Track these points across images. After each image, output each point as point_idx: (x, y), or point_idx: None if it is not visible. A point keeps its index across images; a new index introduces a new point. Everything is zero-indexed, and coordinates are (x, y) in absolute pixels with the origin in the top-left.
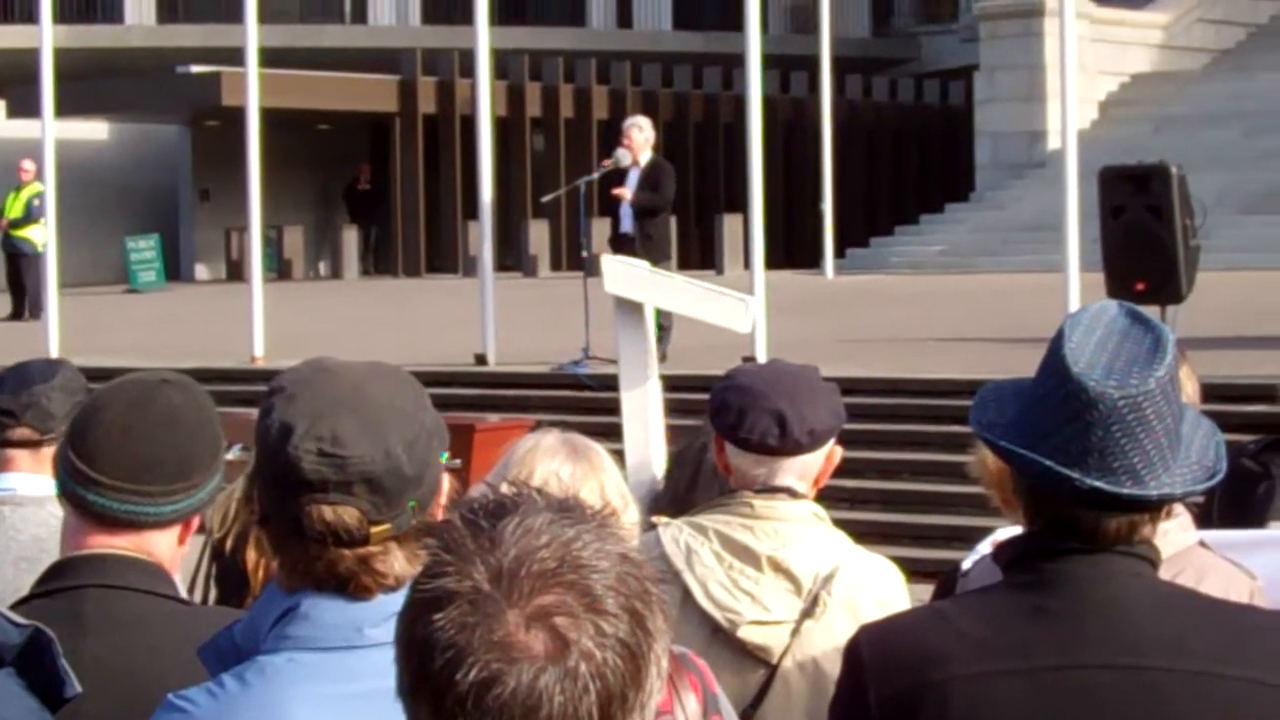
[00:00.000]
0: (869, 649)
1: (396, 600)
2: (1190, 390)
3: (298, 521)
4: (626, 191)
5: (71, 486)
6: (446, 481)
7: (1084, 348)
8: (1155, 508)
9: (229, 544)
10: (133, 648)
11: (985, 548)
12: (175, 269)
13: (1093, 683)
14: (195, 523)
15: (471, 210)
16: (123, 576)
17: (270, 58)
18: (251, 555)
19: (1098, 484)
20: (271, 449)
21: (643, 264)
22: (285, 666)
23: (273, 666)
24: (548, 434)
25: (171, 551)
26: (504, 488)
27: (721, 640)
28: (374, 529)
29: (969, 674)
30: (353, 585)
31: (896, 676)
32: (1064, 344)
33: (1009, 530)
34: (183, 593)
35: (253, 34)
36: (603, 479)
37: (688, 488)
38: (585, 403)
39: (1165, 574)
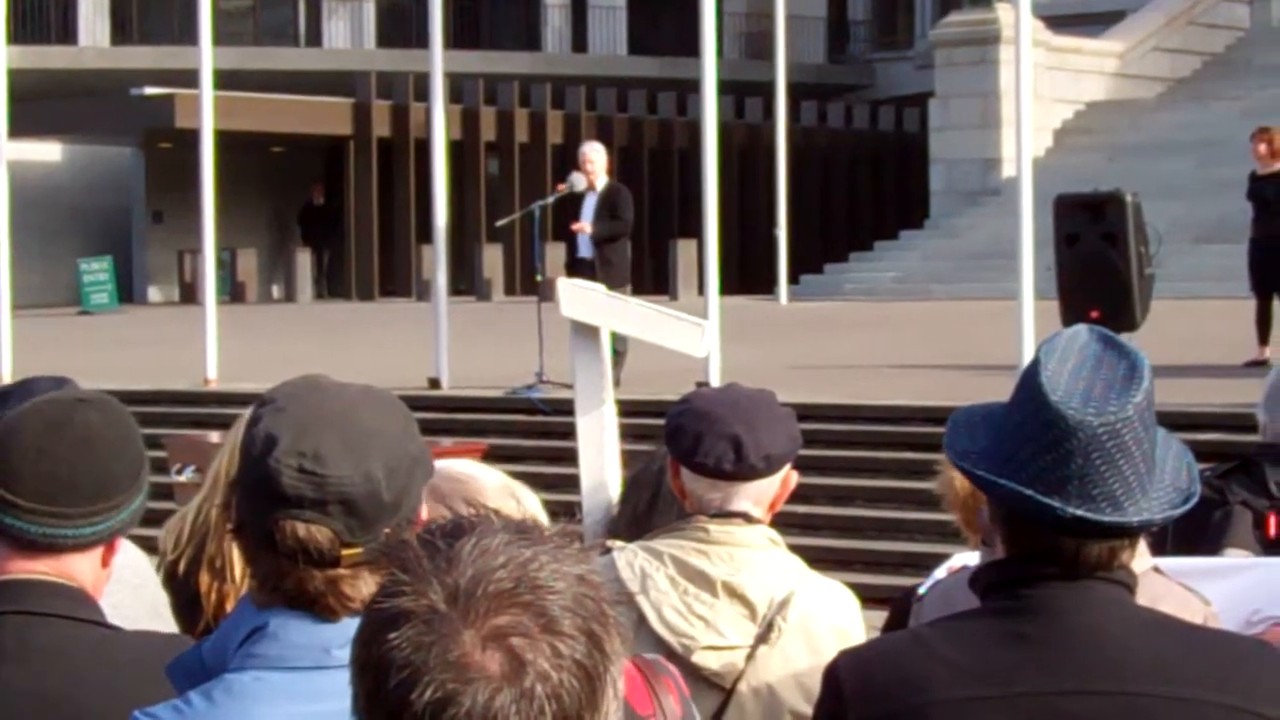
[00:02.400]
0: (848, 673)
1: None
2: None
3: (270, 535)
4: (586, 225)
5: None
6: (425, 511)
7: (1060, 375)
8: (1135, 533)
9: (182, 567)
10: (53, 675)
11: (941, 573)
12: (128, 291)
13: (1074, 709)
14: (118, 545)
15: (425, 234)
16: (42, 603)
17: (224, 80)
18: (205, 579)
19: (1080, 513)
20: (253, 459)
21: (599, 287)
22: (252, 685)
23: (240, 685)
24: None
25: (94, 575)
26: (461, 509)
27: (676, 665)
28: (345, 551)
29: (949, 700)
30: (319, 605)
31: (876, 701)
32: (1040, 372)
33: (965, 556)
34: (107, 617)
35: (207, 56)
36: (479, 485)
37: (646, 510)
38: (539, 427)
39: None
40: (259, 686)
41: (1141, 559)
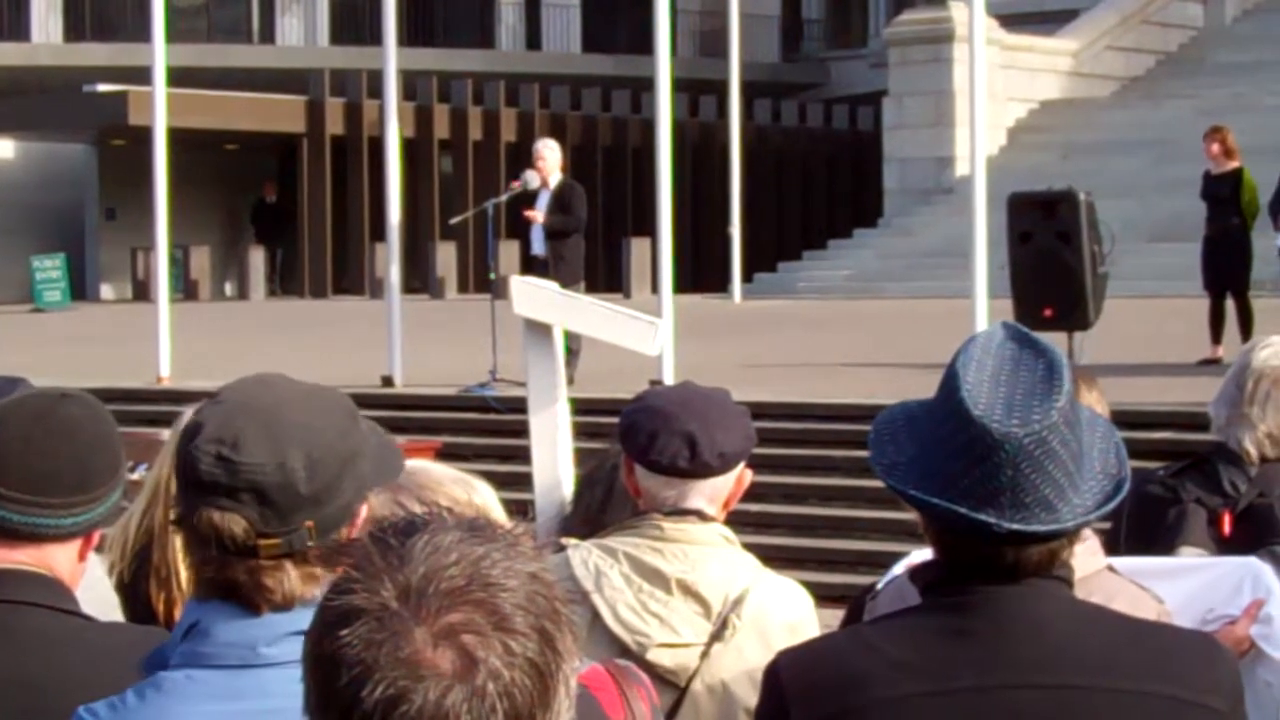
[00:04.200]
0: (789, 673)
1: (293, 619)
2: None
3: (193, 523)
4: (538, 215)
5: None
6: (365, 511)
7: (980, 386)
8: (1070, 534)
9: (128, 576)
10: (35, 662)
11: (899, 569)
12: (81, 288)
13: (1016, 702)
14: (96, 538)
15: (379, 231)
16: (23, 592)
17: (178, 77)
18: (152, 588)
19: (1015, 527)
20: (179, 447)
21: (552, 285)
22: (182, 683)
23: (170, 682)
24: None
25: (72, 566)
26: (411, 502)
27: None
28: (262, 542)
29: (892, 696)
30: (241, 596)
31: (818, 701)
32: (960, 385)
33: (922, 552)
34: (83, 608)
35: (160, 53)
36: (435, 475)
37: (600, 508)
38: (492, 425)
39: None
40: (189, 684)
41: (1095, 557)
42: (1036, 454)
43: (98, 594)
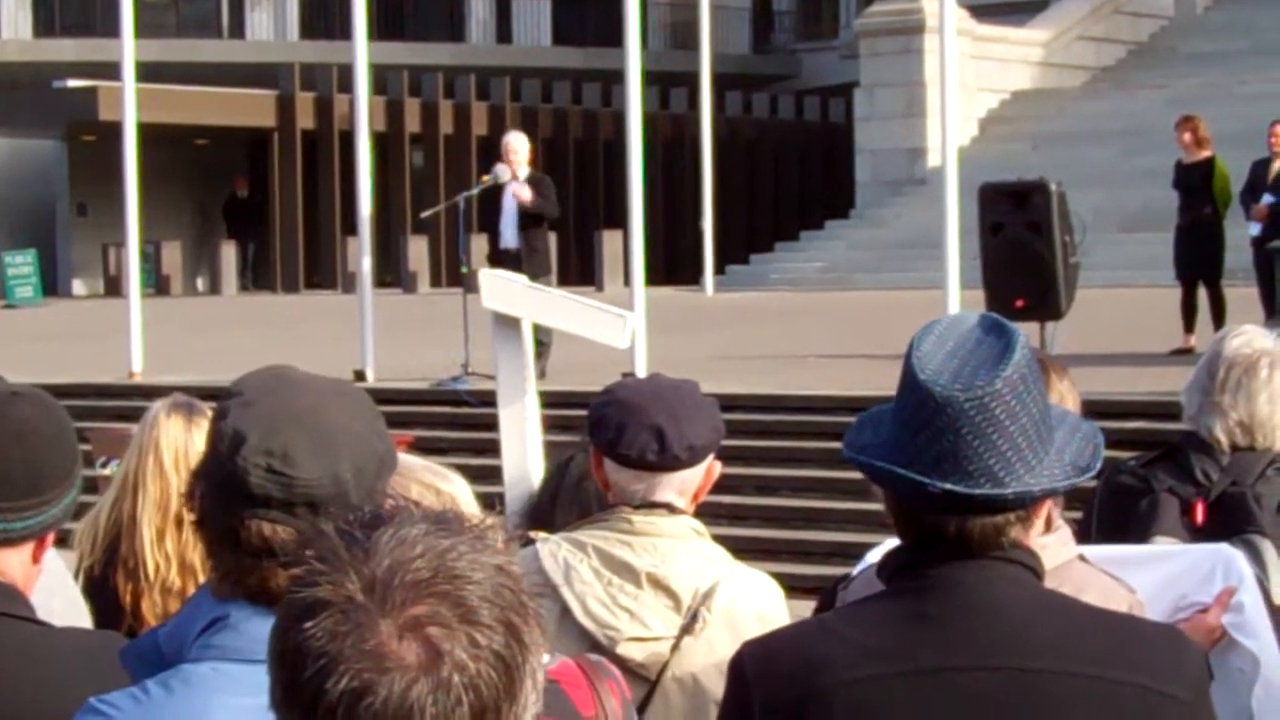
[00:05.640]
0: (752, 662)
1: None
2: (1071, 405)
3: (235, 532)
4: (525, 191)
5: None
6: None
7: (933, 356)
8: (1014, 507)
9: (98, 570)
10: None
11: (873, 557)
12: (52, 284)
13: (976, 684)
14: (50, 540)
15: (350, 226)
16: None
17: (147, 72)
18: (120, 580)
19: (951, 487)
20: (220, 456)
21: (521, 278)
22: (210, 676)
23: (197, 675)
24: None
25: (25, 570)
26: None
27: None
28: None
29: (853, 679)
30: (278, 600)
31: (781, 686)
32: (912, 354)
33: (894, 543)
34: (39, 613)
35: (129, 48)
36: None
37: (549, 506)
38: (465, 419)
39: None
40: (216, 678)
41: (1066, 547)
42: (978, 420)
43: (63, 596)
